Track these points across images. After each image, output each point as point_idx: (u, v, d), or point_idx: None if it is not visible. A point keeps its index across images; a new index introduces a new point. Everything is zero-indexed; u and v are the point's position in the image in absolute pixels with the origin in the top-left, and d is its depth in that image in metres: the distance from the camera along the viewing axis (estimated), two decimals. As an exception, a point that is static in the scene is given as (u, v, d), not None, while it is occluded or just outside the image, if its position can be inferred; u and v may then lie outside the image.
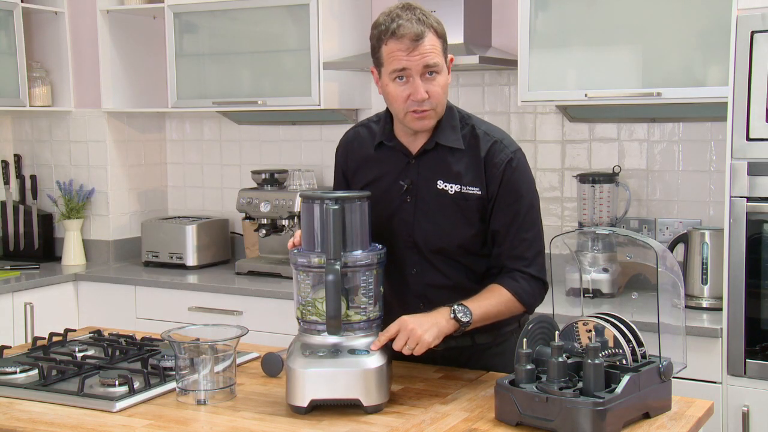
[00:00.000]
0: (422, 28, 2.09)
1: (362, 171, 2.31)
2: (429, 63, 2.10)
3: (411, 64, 2.10)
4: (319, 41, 3.71)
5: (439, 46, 2.12)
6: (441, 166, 2.20)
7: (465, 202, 2.18)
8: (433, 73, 2.11)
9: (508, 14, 3.69)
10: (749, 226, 2.83)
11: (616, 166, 3.49)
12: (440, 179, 2.20)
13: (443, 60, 2.14)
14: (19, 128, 4.56)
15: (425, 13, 2.14)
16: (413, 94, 2.11)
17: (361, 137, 2.33)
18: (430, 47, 2.10)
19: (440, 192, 2.19)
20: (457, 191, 2.18)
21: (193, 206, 4.58)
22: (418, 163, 2.22)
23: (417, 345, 2.00)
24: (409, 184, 2.22)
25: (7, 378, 2.23)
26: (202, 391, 2.06)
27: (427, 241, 2.22)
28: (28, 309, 3.85)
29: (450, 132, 2.21)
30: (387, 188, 2.24)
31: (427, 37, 2.10)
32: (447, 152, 2.20)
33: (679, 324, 2.05)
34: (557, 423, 1.79)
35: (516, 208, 2.19)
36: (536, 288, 2.20)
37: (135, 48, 4.37)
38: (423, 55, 2.09)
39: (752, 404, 2.84)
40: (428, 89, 2.12)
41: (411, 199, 2.22)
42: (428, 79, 2.12)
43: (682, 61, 3.15)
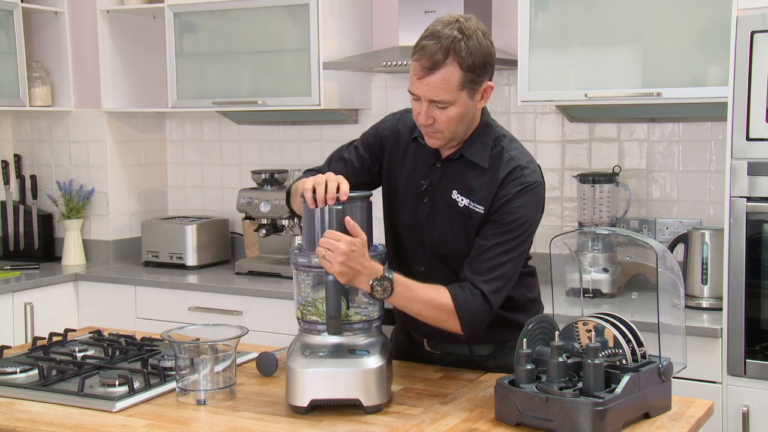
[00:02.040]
0: (440, 59, 1.99)
1: (394, 157, 2.28)
2: (434, 98, 2.03)
3: (419, 92, 2.05)
4: (319, 41, 3.71)
5: (455, 80, 2.01)
6: (460, 178, 2.17)
7: (468, 219, 2.15)
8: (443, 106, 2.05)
9: (508, 14, 3.69)
10: (749, 226, 2.83)
11: (616, 166, 3.49)
12: (455, 189, 2.17)
13: (458, 95, 2.03)
14: (19, 128, 4.56)
15: (467, 35, 2.00)
16: (417, 116, 2.10)
17: (408, 122, 2.27)
18: (441, 82, 2.01)
19: (452, 201, 2.17)
20: (465, 205, 2.15)
21: (193, 206, 4.58)
22: (443, 167, 2.20)
23: (325, 260, 1.92)
24: (429, 185, 2.21)
25: (7, 378, 2.23)
26: (202, 391, 2.06)
27: (433, 245, 2.22)
28: (28, 309, 3.85)
29: (479, 148, 2.16)
30: (410, 183, 2.23)
31: (442, 70, 2.00)
32: (470, 166, 2.16)
33: (679, 324, 2.06)
34: (557, 423, 1.79)
35: (508, 227, 2.10)
36: (478, 306, 2.07)
37: (135, 48, 4.37)
38: (431, 88, 2.02)
39: (752, 404, 2.84)
40: (435, 116, 2.06)
41: (428, 200, 2.21)
42: (437, 107, 2.05)
43: (682, 61, 3.15)
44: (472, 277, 2.09)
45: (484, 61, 2.05)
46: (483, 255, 2.10)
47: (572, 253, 3.31)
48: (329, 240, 1.92)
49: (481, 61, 2.04)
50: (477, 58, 2.02)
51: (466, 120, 2.11)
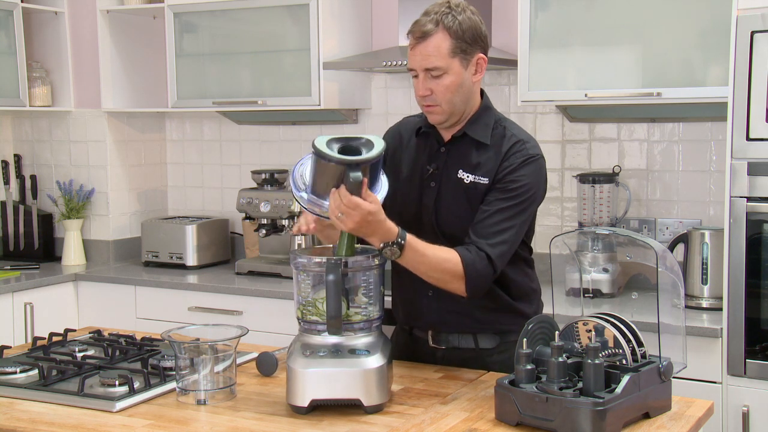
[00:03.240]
0: (431, 28, 2.14)
1: (396, 155, 2.37)
2: (427, 66, 2.16)
3: (414, 64, 2.19)
4: (319, 41, 3.71)
5: (446, 47, 2.14)
6: (465, 157, 2.26)
7: (474, 191, 2.23)
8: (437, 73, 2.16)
9: (508, 14, 3.69)
10: (749, 226, 2.83)
11: (616, 166, 3.50)
12: (461, 168, 2.25)
13: (450, 62, 2.15)
14: (19, 128, 4.56)
15: (455, 11, 2.16)
16: (416, 90, 2.21)
17: (408, 125, 2.41)
18: (433, 49, 2.15)
19: (458, 181, 2.25)
20: (471, 181, 2.24)
21: (193, 206, 4.58)
22: (447, 151, 2.29)
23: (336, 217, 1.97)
24: (435, 169, 2.29)
25: (7, 378, 2.23)
26: (202, 391, 2.06)
27: (444, 226, 2.27)
28: (28, 309, 3.85)
29: (481, 127, 2.27)
30: (415, 171, 2.32)
31: (433, 37, 2.15)
32: (473, 145, 2.26)
33: (679, 324, 2.06)
34: (557, 423, 1.79)
35: (511, 194, 2.19)
36: (484, 267, 2.14)
37: (135, 48, 4.37)
38: (424, 56, 2.16)
39: (752, 404, 2.84)
40: (432, 86, 2.18)
41: (435, 184, 2.28)
42: (432, 77, 2.17)
43: (682, 61, 3.15)
44: (477, 240, 2.16)
45: (473, 33, 2.18)
46: (487, 220, 2.18)
47: (572, 253, 3.31)
48: (344, 207, 1.97)
49: (471, 33, 2.17)
50: (466, 28, 2.16)
51: (463, 91, 2.21)
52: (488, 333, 2.31)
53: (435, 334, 2.35)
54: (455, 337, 2.33)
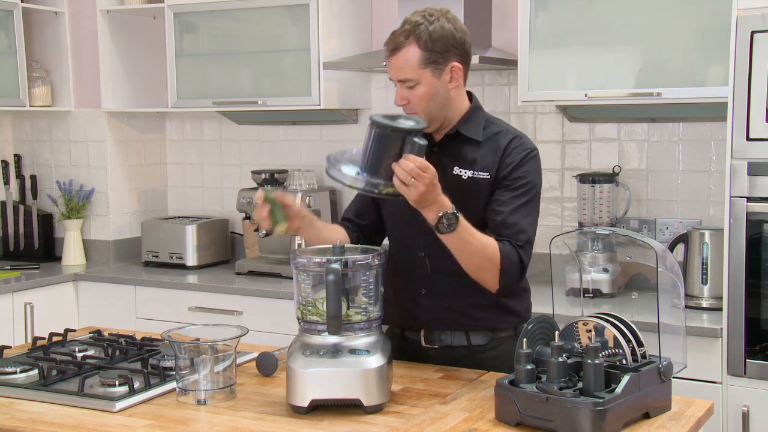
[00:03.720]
0: (402, 40, 2.20)
1: None
2: (400, 78, 2.23)
3: (391, 74, 2.26)
4: (319, 41, 3.71)
5: (416, 59, 2.19)
6: (459, 154, 2.30)
7: (475, 186, 2.27)
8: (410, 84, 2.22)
9: (508, 14, 3.69)
10: (749, 226, 2.83)
11: (616, 166, 3.50)
12: (456, 165, 2.29)
13: (421, 73, 2.20)
14: (19, 128, 4.56)
15: (428, 20, 2.20)
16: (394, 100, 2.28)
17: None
18: (404, 61, 2.21)
19: (455, 177, 2.28)
20: (469, 176, 2.27)
21: (193, 206, 4.58)
22: (439, 150, 2.31)
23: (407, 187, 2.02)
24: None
25: (7, 378, 2.23)
26: (202, 391, 2.06)
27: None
28: (28, 309, 3.85)
29: (473, 125, 2.32)
30: None
31: (403, 50, 2.20)
32: (466, 143, 2.30)
33: (679, 324, 2.06)
34: (557, 423, 1.79)
35: (523, 190, 2.25)
36: (517, 262, 2.21)
37: (135, 48, 4.37)
38: (396, 69, 2.23)
39: (752, 404, 2.84)
40: (407, 96, 2.24)
41: None
42: (407, 88, 2.23)
43: (682, 61, 3.15)
44: (508, 233, 2.21)
45: (444, 43, 2.21)
46: (509, 218, 2.23)
47: (572, 253, 3.31)
48: (417, 170, 2.01)
49: (441, 43, 2.20)
50: (436, 38, 2.19)
51: (438, 100, 2.24)
52: (480, 330, 2.34)
53: (428, 333, 2.36)
54: (448, 335, 2.34)
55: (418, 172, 2.01)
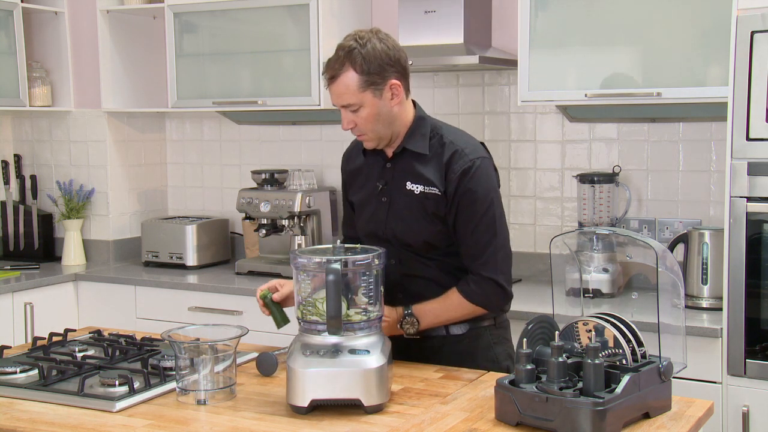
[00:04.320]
0: (338, 68, 2.24)
1: (354, 177, 2.51)
2: (342, 104, 2.27)
3: (332, 101, 2.31)
4: (319, 41, 3.71)
5: (355, 84, 2.23)
6: (410, 169, 2.36)
7: (426, 201, 2.32)
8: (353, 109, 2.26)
9: (508, 14, 3.69)
10: (749, 226, 2.83)
11: (616, 166, 3.49)
12: (409, 180, 2.35)
13: (361, 96, 2.24)
14: (19, 128, 4.56)
15: (360, 44, 2.23)
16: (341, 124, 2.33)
17: (357, 148, 2.51)
18: (343, 88, 2.24)
19: (408, 192, 2.35)
20: (421, 191, 2.33)
21: (193, 206, 4.58)
22: (393, 166, 2.39)
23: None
24: (384, 184, 2.40)
25: (7, 378, 2.23)
26: (202, 391, 2.06)
27: (397, 237, 2.37)
28: (28, 309, 3.85)
29: (419, 139, 2.35)
30: (369, 190, 2.43)
31: (341, 76, 2.24)
32: (415, 157, 2.36)
33: (679, 324, 2.06)
34: (557, 423, 1.79)
35: (472, 210, 2.30)
36: (487, 288, 2.31)
37: (135, 48, 4.37)
38: (337, 95, 2.27)
39: (752, 404, 2.84)
40: (353, 119, 2.29)
41: (386, 198, 2.39)
42: (351, 112, 2.28)
43: (682, 61, 3.15)
44: (476, 269, 2.31)
45: (379, 63, 2.24)
46: (473, 246, 2.31)
47: (572, 253, 3.31)
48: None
49: (377, 64, 2.24)
50: (371, 60, 2.23)
51: (383, 119, 2.30)
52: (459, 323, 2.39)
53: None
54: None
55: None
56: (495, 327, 2.42)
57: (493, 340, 2.42)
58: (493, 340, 2.41)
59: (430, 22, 3.51)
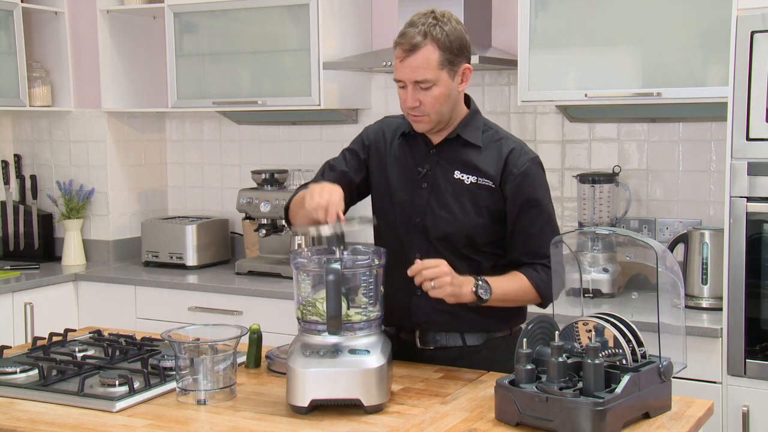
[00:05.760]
0: (420, 40, 2.16)
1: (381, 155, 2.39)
2: (417, 79, 2.18)
3: (403, 76, 2.21)
4: (319, 41, 3.71)
5: (435, 59, 2.17)
6: (460, 158, 2.30)
7: (479, 192, 2.27)
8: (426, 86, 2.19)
9: (508, 14, 3.69)
10: (749, 226, 2.83)
11: (616, 166, 3.49)
12: (458, 169, 2.29)
13: (439, 73, 2.18)
14: (19, 128, 4.56)
15: (442, 21, 2.18)
16: (404, 101, 2.23)
17: (392, 126, 2.42)
18: (422, 61, 2.17)
19: (456, 181, 2.28)
20: (473, 181, 2.28)
21: (193, 206, 4.58)
22: (438, 152, 2.32)
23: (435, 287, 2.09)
24: (427, 170, 2.31)
25: (7, 378, 2.23)
26: (202, 391, 2.06)
27: (435, 227, 2.29)
28: (28, 309, 3.85)
29: (473, 130, 2.31)
30: (406, 174, 2.34)
31: (422, 50, 2.16)
32: (467, 147, 2.30)
33: (679, 324, 2.05)
34: (557, 423, 1.79)
35: (537, 211, 2.29)
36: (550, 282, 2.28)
37: (135, 48, 4.37)
38: (413, 69, 2.18)
39: (752, 404, 2.84)
40: (420, 98, 2.21)
41: (427, 185, 2.31)
42: (421, 89, 2.20)
43: (682, 61, 3.15)
44: (534, 260, 2.30)
45: (460, 44, 2.21)
46: (537, 239, 2.28)
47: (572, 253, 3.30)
48: (432, 270, 2.09)
49: (458, 44, 2.20)
50: (453, 39, 2.19)
51: (450, 101, 2.24)
52: (475, 331, 2.34)
53: (423, 334, 2.36)
54: (443, 336, 2.35)
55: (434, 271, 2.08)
56: (511, 337, 2.37)
57: (511, 350, 2.35)
58: (510, 350, 2.34)
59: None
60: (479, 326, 2.33)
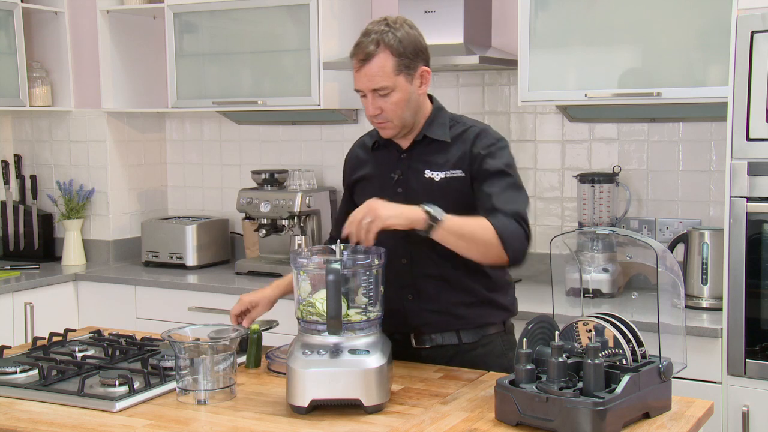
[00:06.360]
0: (373, 49, 2.21)
1: (360, 172, 2.44)
2: (374, 87, 2.22)
3: (361, 85, 2.25)
4: (319, 41, 3.71)
5: (390, 66, 2.20)
6: (428, 158, 2.32)
7: (450, 186, 2.28)
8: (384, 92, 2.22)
9: (508, 14, 3.69)
10: (749, 226, 2.83)
11: (616, 166, 3.49)
12: (427, 169, 2.31)
13: (395, 79, 2.21)
14: (19, 128, 4.56)
15: (394, 28, 2.22)
16: (366, 110, 2.28)
17: (362, 145, 2.49)
18: (378, 69, 2.21)
19: (427, 180, 2.30)
20: (443, 177, 2.29)
21: (193, 206, 4.58)
22: (408, 156, 2.34)
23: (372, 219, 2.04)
24: (399, 175, 2.34)
25: (7, 378, 2.23)
26: (202, 391, 2.06)
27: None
28: (28, 309, 3.85)
29: (439, 127, 2.33)
30: (380, 183, 2.37)
31: (376, 58, 2.21)
32: (434, 145, 2.33)
33: (679, 324, 2.06)
34: (557, 423, 1.79)
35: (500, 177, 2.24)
36: (515, 227, 2.17)
37: (135, 48, 4.37)
38: (370, 77, 2.22)
39: (752, 404, 2.84)
40: (381, 105, 2.24)
41: (401, 189, 2.33)
42: (380, 96, 2.23)
43: (682, 61, 3.15)
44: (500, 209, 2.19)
45: (414, 48, 2.24)
46: (498, 197, 2.21)
47: (572, 253, 3.31)
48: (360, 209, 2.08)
49: (412, 48, 2.23)
50: (407, 44, 2.22)
51: (411, 105, 2.27)
52: (469, 328, 2.35)
53: (418, 335, 2.37)
54: (438, 335, 2.36)
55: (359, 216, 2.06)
56: (505, 333, 2.41)
57: (505, 347, 2.39)
58: (505, 347, 2.39)
59: (430, 22, 3.51)
60: (472, 321, 2.35)
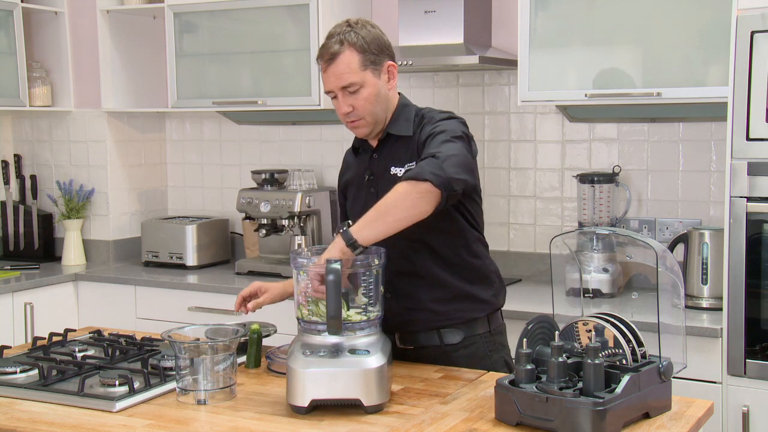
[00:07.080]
0: (338, 48, 2.25)
1: (346, 177, 2.52)
2: (343, 84, 2.25)
3: (330, 85, 2.28)
4: (319, 41, 3.71)
5: (356, 62, 2.24)
6: (393, 155, 2.35)
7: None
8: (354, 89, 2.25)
9: (508, 14, 3.69)
10: (749, 226, 2.83)
11: (616, 166, 3.50)
12: (392, 166, 2.34)
13: (363, 75, 2.25)
14: (19, 128, 4.56)
15: (356, 27, 2.28)
16: (338, 111, 2.31)
17: (350, 150, 2.52)
18: (344, 66, 2.24)
19: (392, 177, 2.31)
20: (405, 170, 2.29)
21: (193, 206, 4.58)
22: (378, 156, 2.38)
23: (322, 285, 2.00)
24: (370, 175, 2.38)
25: (7, 378, 2.23)
26: (202, 391, 2.06)
27: None
28: (28, 309, 3.85)
29: (402, 123, 2.35)
30: (358, 185, 2.42)
31: (341, 56, 2.24)
32: (399, 141, 2.34)
33: (679, 324, 2.06)
34: (557, 423, 1.79)
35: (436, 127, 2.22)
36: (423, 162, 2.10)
37: (135, 48, 4.37)
38: (337, 76, 2.25)
39: (752, 404, 2.84)
40: (352, 102, 2.27)
41: (374, 189, 2.36)
42: (350, 94, 2.26)
43: (682, 61, 3.15)
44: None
45: (378, 44, 2.29)
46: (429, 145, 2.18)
47: (572, 253, 3.31)
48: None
49: (375, 44, 2.28)
50: (370, 41, 2.27)
51: (381, 100, 2.30)
52: (451, 327, 2.35)
53: (402, 335, 2.38)
54: (422, 335, 2.37)
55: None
56: (490, 334, 2.39)
57: (489, 348, 2.39)
58: (489, 348, 2.38)
59: (430, 22, 3.51)
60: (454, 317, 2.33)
